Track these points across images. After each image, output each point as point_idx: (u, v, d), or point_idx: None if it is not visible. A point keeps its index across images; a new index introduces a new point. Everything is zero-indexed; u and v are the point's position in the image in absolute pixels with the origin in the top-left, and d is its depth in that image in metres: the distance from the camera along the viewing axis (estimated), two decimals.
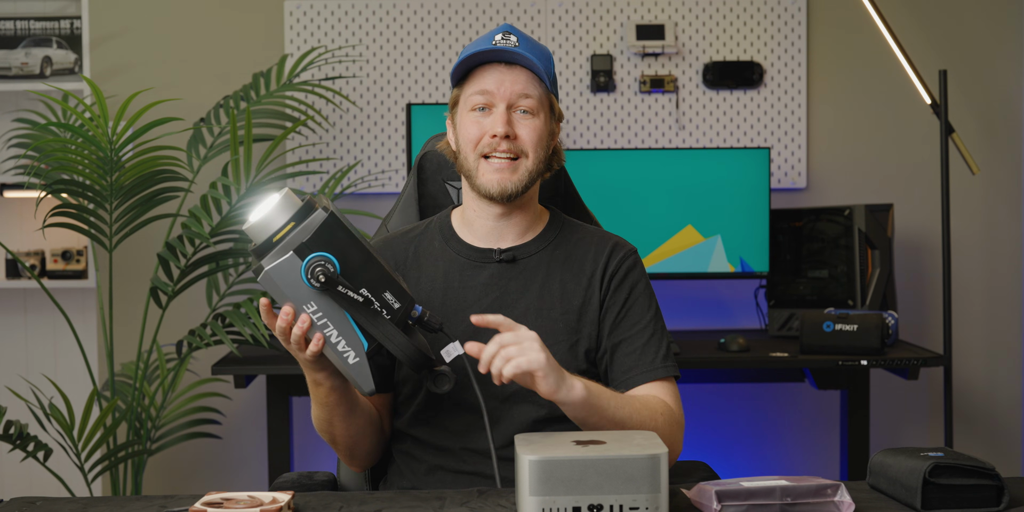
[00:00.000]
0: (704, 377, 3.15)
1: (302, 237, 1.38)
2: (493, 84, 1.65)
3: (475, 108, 1.66)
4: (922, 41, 3.37)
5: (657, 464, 1.28)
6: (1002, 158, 3.43)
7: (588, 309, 1.68)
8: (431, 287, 1.70)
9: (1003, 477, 1.37)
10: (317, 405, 1.62)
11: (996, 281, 3.45)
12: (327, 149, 3.36)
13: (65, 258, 3.45)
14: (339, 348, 1.43)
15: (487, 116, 1.66)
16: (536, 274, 1.69)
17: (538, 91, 1.67)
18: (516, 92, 1.65)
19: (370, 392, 1.47)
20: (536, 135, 1.66)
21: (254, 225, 1.40)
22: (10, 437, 2.82)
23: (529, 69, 1.66)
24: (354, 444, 1.67)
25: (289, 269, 1.38)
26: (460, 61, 1.66)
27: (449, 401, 1.64)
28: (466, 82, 1.69)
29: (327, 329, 1.43)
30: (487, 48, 1.64)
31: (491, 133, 1.64)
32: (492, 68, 1.66)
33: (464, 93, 1.69)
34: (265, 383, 2.94)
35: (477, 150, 1.66)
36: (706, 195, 3.10)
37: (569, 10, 3.36)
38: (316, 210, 1.39)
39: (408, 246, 1.75)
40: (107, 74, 3.36)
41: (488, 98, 1.65)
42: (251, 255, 1.46)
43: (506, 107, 1.65)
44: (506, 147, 1.64)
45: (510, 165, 1.65)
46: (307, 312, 1.41)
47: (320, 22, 3.35)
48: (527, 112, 1.66)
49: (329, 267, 1.37)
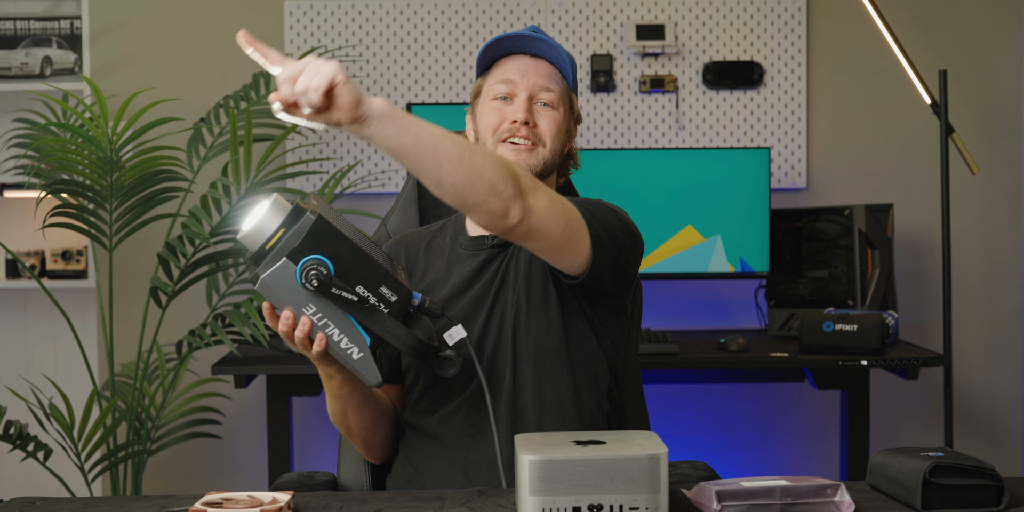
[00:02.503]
0: (704, 377, 3.15)
1: (293, 242, 1.40)
2: (517, 74, 1.68)
3: (497, 97, 1.69)
4: (922, 41, 3.37)
5: (657, 464, 1.28)
6: (1002, 158, 3.43)
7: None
8: (435, 277, 1.74)
9: (1003, 477, 1.37)
10: (331, 397, 1.66)
11: (996, 281, 3.45)
12: (327, 149, 3.36)
13: (65, 258, 3.45)
14: (342, 345, 1.46)
15: (508, 105, 1.69)
16: (520, 256, 1.71)
17: (560, 87, 1.70)
18: (539, 84, 1.68)
19: (377, 384, 1.49)
20: (555, 126, 1.69)
21: (247, 234, 1.43)
22: (10, 437, 2.82)
23: (553, 63, 1.69)
24: (369, 435, 1.71)
25: (284, 275, 1.40)
26: (486, 47, 1.69)
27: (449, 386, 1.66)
28: (490, 71, 1.72)
29: (328, 328, 1.45)
30: (515, 34, 1.67)
31: (511, 119, 1.67)
32: (517, 59, 1.70)
33: (487, 82, 1.72)
34: (265, 383, 2.94)
35: (496, 135, 1.68)
36: (706, 195, 3.10)
37: (569, 10, 3.36)
38: (305, 214, 1.41)
39: (422, 241, 1.80)
40: (107, 74, 3.36)
41: (511, 87, 1.68)
42: (248, 263, 1.47)
43: (527, 97, 1.68)
44: (525, 133, 1.67)
45: (528, 148, 1.68)
46: (307, 314, 1.44)
47: (320, 22, 3.35)
48: (547, 105, 1.69)
49: (323, 270, 1.39)
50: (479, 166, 1.39)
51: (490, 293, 1.69)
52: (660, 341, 2.86)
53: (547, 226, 1.48)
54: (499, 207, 1.42)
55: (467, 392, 1.66)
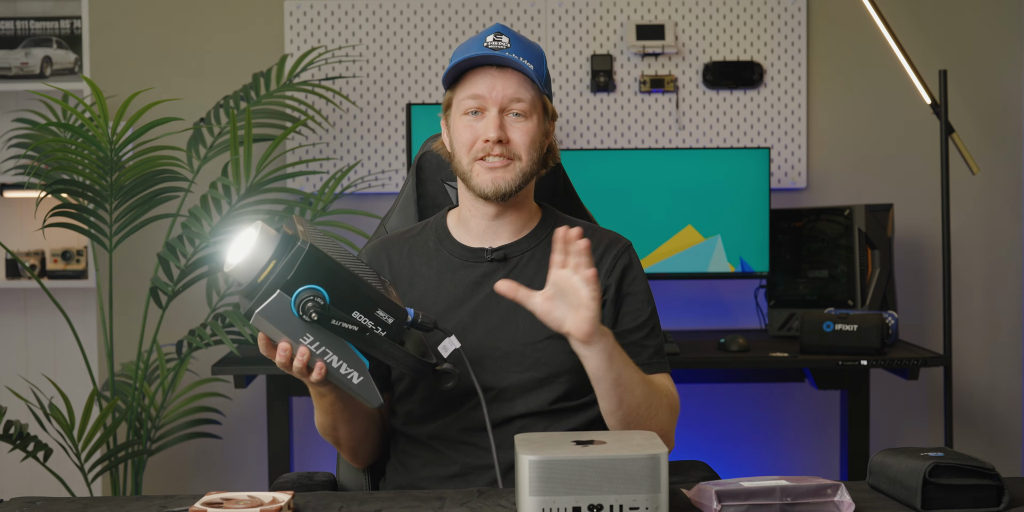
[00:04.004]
0: (704, 377, 3.15)
1: (286, 273, 1.37)
2: (485, 88, 1.65)
3: (468, 112, 1.67)
4: (922, 41, 3.37)
5: (657, 464, 1.28)
6: (1002, 158, 3.43)
7: None
8: (425, 286, 1.72)
9: (1003, 477, 1.37)
10: (321, 412, 1.65)
11: (996, 281, 3.45)
12: (327, 149, 3.36)
13: (65, 258, 3.45)
14: (342, 371, 1.45)
15: (480, 120, 1.66)
16: (526, 271, 1.70)
17: (530, 94, 1.67)
18: (508, 96, 1.65)
19: (378, 406, 1.48)
20: (529, 138, 1.67)
21: (237, 268, 1.40)
22: (10, 437, 2.82)
23: (521, 71, 1.66)
24: (357, 445, 1.71)
25: (279, 307, 1.38)
26: (451, 65, 1.66)
27: (446, 395, 1.66)
28: (458, 85, 1.69)
29: (327, 356, 1.43)
30: (478, 53, 1.65)
31: (484, 138, 1.65)
32: (484, 72, 1.66)
33: (456, 97, 1.69)
34: (265, 383, 2.94)
35: (471, 154, 1.67)
36: (706, 195, 3.10)
37: (569, 10, 3.36)
38: (295, 242, 1.38)
39: (403, 247, 1.77)
40: (107, 74, 3.36)
41: (480, 102, 1.66)
42: (240, 297, 1.45)
43: (498, 111, 1.65)
44: (499, 151, 1.65)
45: (503, 164, 1.66)
46: (304, 344, 1.42)
47: (320, 22, 3.35)
48: (519, 115, 1.66)
49: (319, 300, 1.37)
50: (648, 417, 1.61)
51: (492, 307, 1.68)
52: None
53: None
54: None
55: (465, 401, 1.65)
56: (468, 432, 1.65)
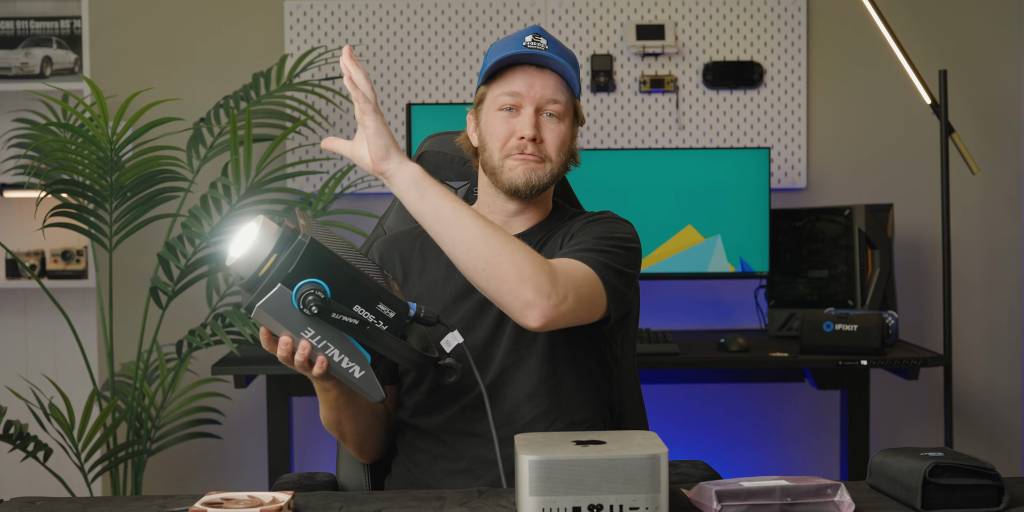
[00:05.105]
0: (704, 377, 3.15)
1: (287, 267, 1.37)
2: (523, 86, 1.67)
3: (503, 108, 1.68)
4: (922, 41, 3.37)
5: (657, 464, 1.28)
6: (1002, 158, 3.43)
7: None
8: (433, 279, 1.73)
9: (1003, 477, 1.37)
10: (325, 407, 1.66)
11: (996, 281, 3.45)
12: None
13: (65, 258, 3.45)
14: (343, 365, 1.45)
15: (515, 117, 1.68)
16: None
17: (565, 96, 1.69)
18: (546, 96, 1.67)
19: (380, 400, 1.48)
20: (560, 140, 1.69)
21: (238, 262, 1.40)
22: (10, 437, 2.82)
23: (559, 74, 1.68)
24: (362, 440, 1.72)
25: (280, 301, 1.38)
26: (493, 61, 1.67)
27: (452, 387, 1.66)
28: (495, 81, 1.70)
29: (328, 350, 1.44)
30: (520, 51, 1.66)
31: (519, 135, 1.66)
32: (523, 70, 1.68)
33: (492, 92, 1.70)
34: (265, 383, 2.94)
35: (504, 150, 1.68)
36: (706, 195, 3.10)
37: (569, 10, 3.36)
38: (296, 236, 1.39)
39: (415, 241, 1.78)
40: (107, 74, 3.36)
41: (517, 99, 1.67)
42: (241, 291, 1.46)
43: (534, 110, 1.67)
44: (532, 150, 1.67)
45: (537, 160, 1.68)
46: (306, 338, 1.42)
47: (320, 22, 3.35)
48: (553, 116, 1.68)
49: (319, 294, 1.37)
50: (495, 264, 1.47)
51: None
52: (660, 341, 2.86)
53: (569, 320, 1.54)
54: (515, 307, 1.48)
55: (470, 394, 1.66)
56: (476, 423, 1.66)
